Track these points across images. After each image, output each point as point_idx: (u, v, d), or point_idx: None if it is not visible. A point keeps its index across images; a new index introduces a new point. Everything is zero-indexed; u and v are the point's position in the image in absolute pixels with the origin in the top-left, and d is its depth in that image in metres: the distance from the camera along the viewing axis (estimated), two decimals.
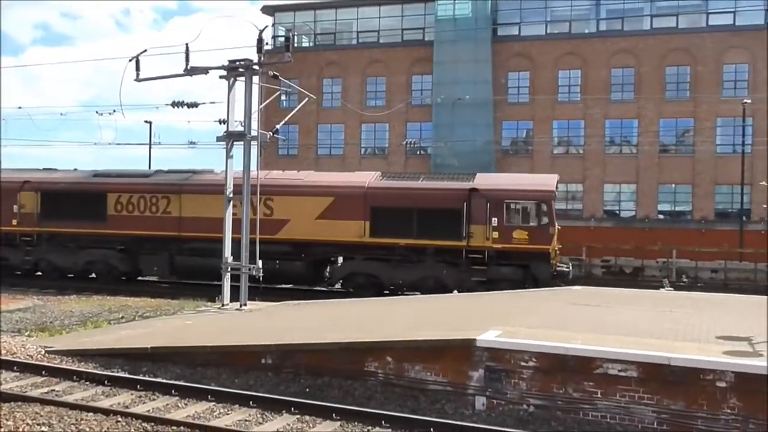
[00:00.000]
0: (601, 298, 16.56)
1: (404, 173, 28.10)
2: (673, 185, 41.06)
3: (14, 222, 25.73)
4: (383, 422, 9.06)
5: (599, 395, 9.52)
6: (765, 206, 36.22)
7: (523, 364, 9.98)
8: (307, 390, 10.64)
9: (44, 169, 28.03)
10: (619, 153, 42.39)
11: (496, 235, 21.08)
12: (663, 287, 23.62)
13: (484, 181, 22.23)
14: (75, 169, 28.14)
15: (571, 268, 23.53)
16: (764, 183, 35.32)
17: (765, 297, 16.94)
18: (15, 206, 25.70)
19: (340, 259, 22.83)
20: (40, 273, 26.42)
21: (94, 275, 25.87)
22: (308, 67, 44.32)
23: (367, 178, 23.17)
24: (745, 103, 35.54)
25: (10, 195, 25.75)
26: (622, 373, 9.43)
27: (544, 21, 43.89)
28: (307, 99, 22.18)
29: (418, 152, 44.73)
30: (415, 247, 21.59)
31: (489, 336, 10.49)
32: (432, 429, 8.83)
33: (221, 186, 18.75)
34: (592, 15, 43.20)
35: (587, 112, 42.03)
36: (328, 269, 23.68)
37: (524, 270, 21.06)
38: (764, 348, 9.94)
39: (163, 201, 24.08)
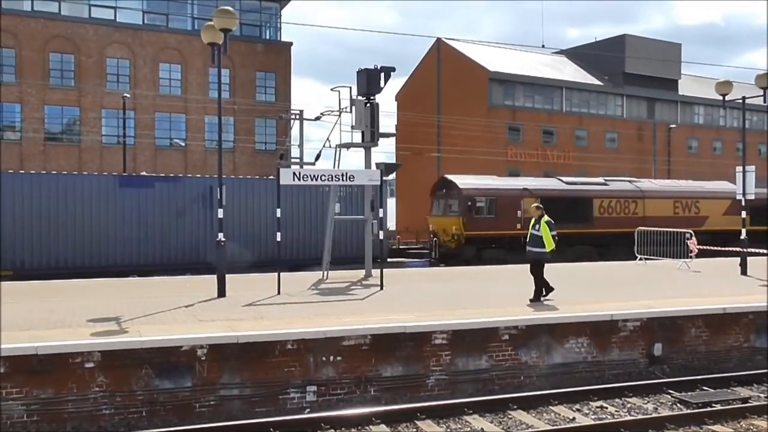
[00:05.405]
0: None
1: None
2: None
3: (518, 226, 28.29)
4: None
5: None
6: None
7: None
8: None
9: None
10: (1, 139, 39.74)
11: None
12: None
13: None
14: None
15: None
16: (145, 173, 38.03)
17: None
18: (519, 212, 29.13)
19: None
20: None
21: None
22: None
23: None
24: (126, 96, 37.50)
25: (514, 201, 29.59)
26: None
27: None
28: None
29: None
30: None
31: None
32: None
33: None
34: None
35: None
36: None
37: None
38: (129, 325, 10.84)
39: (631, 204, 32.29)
